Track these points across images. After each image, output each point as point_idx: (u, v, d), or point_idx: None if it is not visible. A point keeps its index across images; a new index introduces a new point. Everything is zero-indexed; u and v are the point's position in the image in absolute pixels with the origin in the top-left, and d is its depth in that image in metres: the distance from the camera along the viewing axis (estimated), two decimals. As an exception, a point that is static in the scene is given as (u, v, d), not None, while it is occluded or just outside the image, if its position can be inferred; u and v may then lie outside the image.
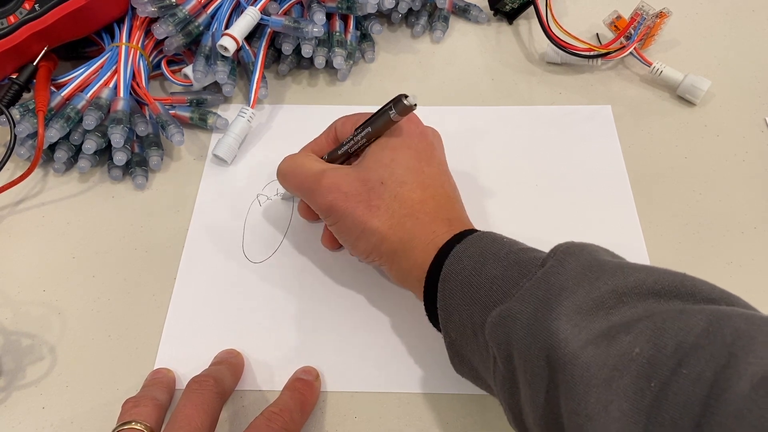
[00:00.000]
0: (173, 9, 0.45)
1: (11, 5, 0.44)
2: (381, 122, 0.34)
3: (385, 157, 0.34)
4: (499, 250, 0.30)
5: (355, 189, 0.33)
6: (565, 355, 0.24)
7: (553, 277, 0.27)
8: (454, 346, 0.31)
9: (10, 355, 0.38)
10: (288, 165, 0.37)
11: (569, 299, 0.25)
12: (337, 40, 0.48)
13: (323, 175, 0.34)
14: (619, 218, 0.43)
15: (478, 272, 0.29)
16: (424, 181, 0.34)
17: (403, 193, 0.33)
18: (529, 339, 0.25)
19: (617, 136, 0.47)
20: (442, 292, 0.30)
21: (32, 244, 0.43)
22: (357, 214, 0.33)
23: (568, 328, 0.24)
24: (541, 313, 0.25)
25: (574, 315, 0.25)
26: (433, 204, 0.33)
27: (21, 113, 0.43)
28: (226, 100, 0.50)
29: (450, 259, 0.30)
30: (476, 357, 0.30)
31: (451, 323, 0.30)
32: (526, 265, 0.28)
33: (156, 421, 0.32)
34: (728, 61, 0.52)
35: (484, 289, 0.29)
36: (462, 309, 0.29)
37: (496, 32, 0.55)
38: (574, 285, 0.26)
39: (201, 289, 0.40)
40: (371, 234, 0.33)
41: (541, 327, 0.25)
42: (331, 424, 0.35)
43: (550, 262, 0.27)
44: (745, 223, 0.42)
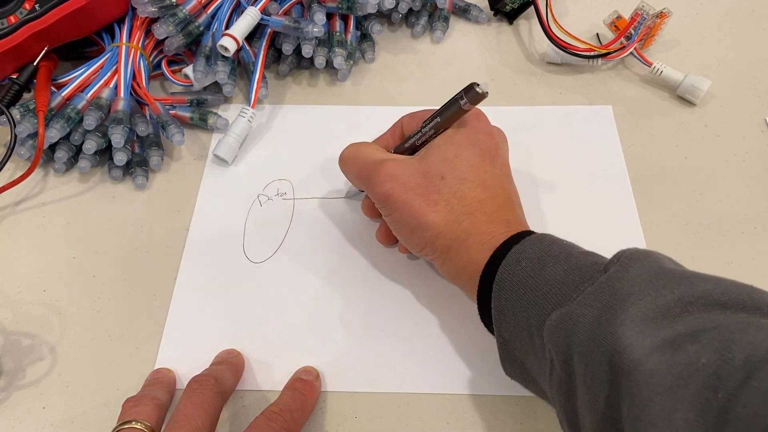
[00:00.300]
0: (173, 9, 0.45)
1: (11, 5, 0.44)
2: (451, 112, 0.34)
3: (448, 151, 0.34)
4: (558, 252, 0.29)
5: (414, 181, 0.33)
6: (630, 360, 0.23)
7: (617, 282, 0.26)
8: (507, 347, 0.31)
9: (10, 355, 0.38)
10: (350, 151, 0.37)
11: (634, 305, 0.25)
12: (338, 40, 0.48)
13: (383, 163, 0.34)
14: (620, 218, 0.43)
15: (537, 274, 0.29)
16: (485, 180, 0.33)
17: (463, 190, 0.32)
18: (592, 343, 0.25)
19: (618, 136, 0.47)
20: (498, 293, 0.30)
21: (32, 244, 0.43)
22: (414, 206, 0.32)
23: (633, 335, 0.24)
24: (605, 317, 0.25)
25: (639, 321, 0.24)
26: (493, 204, 0.33)
27: (21, 113, 0.43)
28: (226, 100, 0.50)
29: (507, 259, 0.30)
30: (530, 359, 0.29)
31: (505, 324, 0.30)
32: (587, 269, 0.28)
33: (156, 420, 0.32)
34: (728, 61, 0.52)
35: (542, 292, 0.28)
36: (518, 310, 0.29)
37: (496, 32, 0.55)
38: (640, 291, 0.25)
39: (201, 289, 0.40)
40: (427, 228, 0.32)
41: (605, 332, 0.25)
42: (331, 424, 0.35)
43: (614, 267, 0.27)
44: (745, 223, 0.42)
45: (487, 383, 0.36)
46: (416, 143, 0.36)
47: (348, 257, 0.41)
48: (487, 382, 0.36)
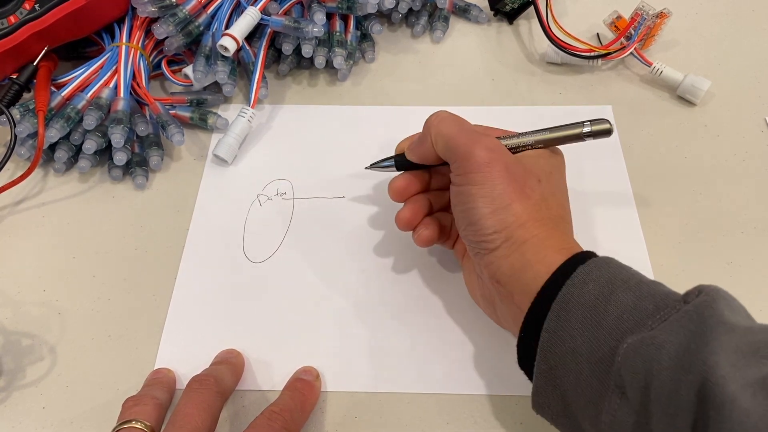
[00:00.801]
0: (173, 9, 0.45)
1: (11, 5, 0.44)
2: (567, 134, 0.35)
3: (544, 165, 0.34)
4: (629, 278, 0.28)
5: (515, 168, 0.32)
6: (723, 393, 0.22)
7: (706, 311, 0.25)
8: (549, 375, 0.28)
9: (10, 355, 0.38)
10: (448, 113, 0.35)
11: (727, 336, 0.24)
12: (338, 40, 0.48)
13: (488, 137, 0.33)
14: (620, 218, 0.43)
15: (606, 299, 0.27)
16: (565, 202, 0.35)
17: (551, 201, 0.33)
18: (678, 370, 0.24)
19: (617, 136, 0.47)
20: (557, 313, 0.28)
21: (32, 244, 0.43)
22: (510, 188, 0.31)
23: (727, 366, 0.23)
24: (695, 344, 0.24)
25: (732, 354, 0.23)
26: (564, 225, 0.33)
27: (21, 113, 0.43)
28: (226, 100, 0.50)
29: (573, 279, 0.28)
30: (578, 389, 0.27)
31: (555, 348, 0.28)
32: (661, 298, 0.27)
33: (156, 420, 0.32)
34: (728, 61, 0.52)
35: (612, 317, 0.27)
36: (579, 334, 0.27)
37: (496, 32, 0.55)
38: (730, 323, 0.24)
39: (201, 289, 0.40)
40: (513, 214, 0.31)
41: (696, 359, 0.23)
42: (331, 424, 0.35)
43: (701, 297, 0.26)
44: (745, 223, 0.42)
45: (487, 383, 0.36)
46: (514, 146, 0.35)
47: (348, 257, 0.41)
48: (487, 382, 0.36)
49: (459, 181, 0.33)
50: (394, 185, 0.37)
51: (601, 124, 0.34)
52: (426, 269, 0.41)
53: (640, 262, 0.40)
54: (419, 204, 0.37)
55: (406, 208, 0.37)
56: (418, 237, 0.37)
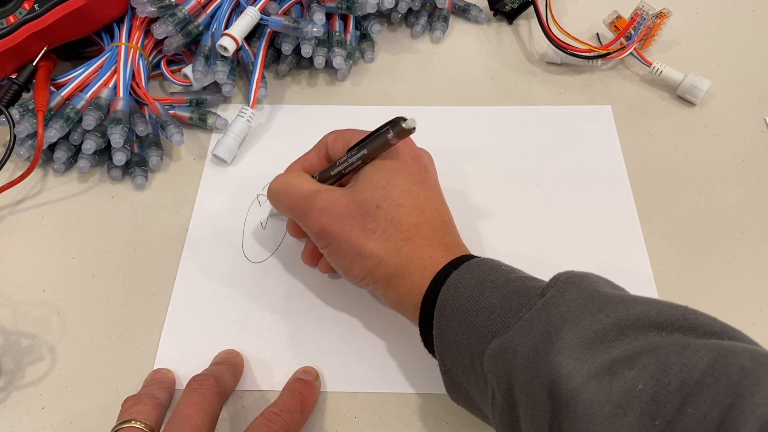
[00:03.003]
0: (173, 9, 0.45)
1: (11, 5, 0.44)
2: (377, 144, 0.33)
3: (380, 179, 0.33)
4: (497, 277, 0.29)
5: (349, 212, 0.33)
6: (568, 390, 0.23)
7: (553, 308, 0.26)
8: (449, 374, 0.30)
9: (10, 355, 0.38)
10: (279, 185, 0.36)
11: (570, 332, 0.25)
12: (337, 40, 0.48)
13: (316, 196, 0.34)
14: (619, 218, 0.43)
15: (476, 301, 0.29)
16: (419, 204, 0.33)
17: (399, 216, 0.32)
18: (531, 373, 0.25)
19: (617, 135, 0.47)
20: (438, 320, 0.30)
21: (32, 244, 0.43)
22: (352, 237, 0.32)
23: (570, 363, 0.24)
24: (542, 346, 0.25)
25: (576, 348, 0.24)
26: (429, 228, 0.33)
27: (20, 113, 0.43)
28: (225, 100, 0.50)
29: (446, 286, 0.30)
30: (473, 387, 0.29)
31: (447, 352, 0.30)
32: (525, 294, 0.28)
33: (156, 419, 0.32)
34: (728, 61, 0.52)
35: (481, 319, 0.28)
36: (459, 338, 0.29)
37: (496, 32, 0.55)
38: (575, 317, 0.25)
39: (201, 289, 0.40)
40: (366, 258, 0.32)
41: (543, 361, 0.25)
42: (331, 424, 0.35)
43: (550, 292, 0.27)
44: (745, 223, 0.42)
45: (486, 383, 0.36)
46: (343, 171, 0.35)
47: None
48: (487, 383, 0.36)
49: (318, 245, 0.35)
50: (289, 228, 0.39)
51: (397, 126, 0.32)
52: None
53: (640, 262, 0.40)
54: None
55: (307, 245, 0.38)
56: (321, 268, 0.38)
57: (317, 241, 0.34)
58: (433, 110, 0.49)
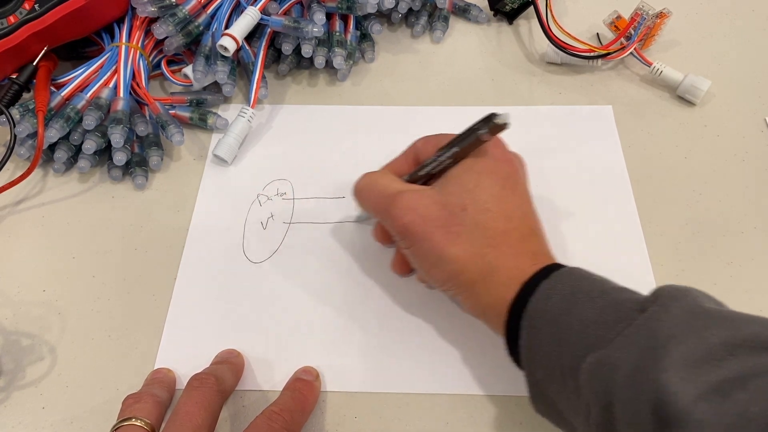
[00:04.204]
0: (173, 9, 0.45)
1: (11, 5, 0.44)
2: (469, 141, 0.32)
3: (469, 181, 0.32)
4: (591, 288, 0.28)
5: (434, 212, 0.31)
6: (676, 411, 0.22)
7: (657, 323, 0.25)
8: (538, 386, 0.29)
9: (10, 355, 0.38)
10: (365, 182, 0.36)
11: (676, 349, 0.24)
12: (337, 40, 0.48)
13: (401, 194, 0.33)
14: (620, 218, 0.43)
15: (568, 312, 0.28)
16: (507, 211, 0.32)
17: (485, 221, 0.31)
18: (633, 390, 0.24)
19: (617, 135, 0.47)
20: (528, 330, 0.29)
21: (32, 244, 0.43)
22: (435, 239, 0.31)
23: (678, 381, 0.23)
24: (646, 362, 0.24)
25: (683, 367, 0.23)
26: (517, 236, 0.31)
27: (21, 113, 0.43)
28: (226, 100, 0.50)
29: (537, 295, 0.29)
30: (563, 400, 0.28)
31: (535, 363, 0.29)
32: (621, 307, 0.27)
33: (156, 418, 0.32)
34: (728, 61, 0.52)
35: (575, 331, 0.27)
36: (550, 350, 0.28)
37: (496, 32, 0.55)
38: (681, 333, 0.24)
39: (201, 289, 0.40)
40: (449, 262, 0.31)
41: (647, 378, 0.24)
42: (331, 424, 0.35)
43: (652, 307, 0.26)
44: (745, 223, 0.42)
45: (487, 383, 0.36)
46: (431, 171, 0.34)
47: (348, 257, 0.41)
48: (487, 382, 0.36)
49: (400, 245, 0.34)
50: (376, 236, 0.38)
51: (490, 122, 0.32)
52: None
53: (640, 262, 0.40)
54: None
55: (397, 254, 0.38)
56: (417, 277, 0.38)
57: (400, 240, 0.33)
58: (433, 110, 0.49)
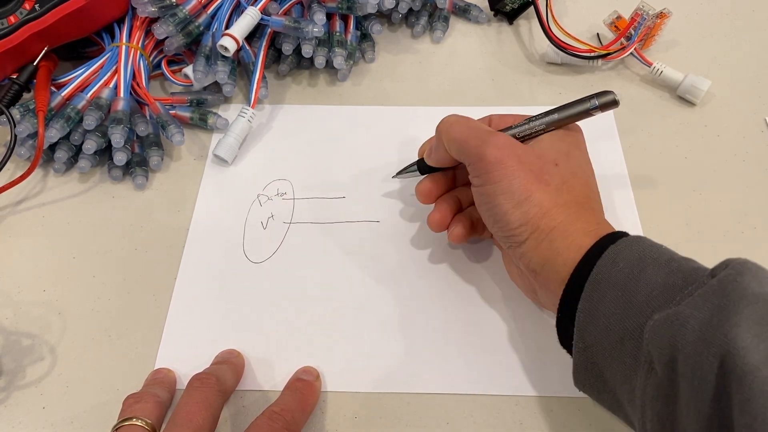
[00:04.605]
0: (173, 9, 0.45)
1: (11, 5, 0.44)
2: (576, 111, 0.34)
3: (562, 146, 0.34)
4: (659, 255, 0.29)
5: (528, 157, 0.32)
6: (745, 365, 0.22)
7: (730, 285, 0.25)
8: (587, 353, 0.29)
9: (10, 355, 0.38)
10: (458, 117, 0.35)
11: (750, 308, 0.24)
12: (338, 40, 0.48)
13: (497, 134, 0.33)
14: (620, 218, 0.42)
15: (636, 277, 0.28)
16: (590, 181, 0.34)
17: (573, 182, 0.33)
18: (702, 344, 0.24)
19: (617, 136, 0.47)
20: (590, 293, 0.29)
21: (32, 244, 0.43)
22: (527, 179, 0.32)
23: (749, 337, 0.23)
24: (718, 318, 0.24)
25: (755, 325, 0.23)
26: (594, 204, 0.33)
27: (21, 113, 0.43)
28: (226, 100, 0.50)
29: (603, 259, 0.29)
30: (613, 367, 0.28)
31: (591, 327, 0.29)
32: (690, 273, 0.27)
33: (157, 418, 0.32)
34: (728, 61, 0.52)
35: (642, 295, 0.27)
36: (611, 313, 0.28)
37: (496, 32, 0.55)
38: (754, 296, 0.24)
39: (201, 289, 0.40)
40: (535, 204, 0.31)
41: (718, 332, 0.23)
42: (331, 424, 0.35)
43: (725, 271, 0.26)
44: (745, 223, 0.42)
45: (486, 383, 0.36)
46: (521, 134, 0.35)
47: (347, 257, 0.41)
48: (487, 383, 0.36)
49: (477, 182, 0.34)
50: (421, 189, 0.39)
51: (607, 96, 0.34)
52: (426, 270, 0.41)
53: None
54: (447, 204, 0.38)
55: (436, 210, 0.38)
56: (450, 235, 0.38)
57: (484, 174, 0.33)
58: (433, 110, 0.49)
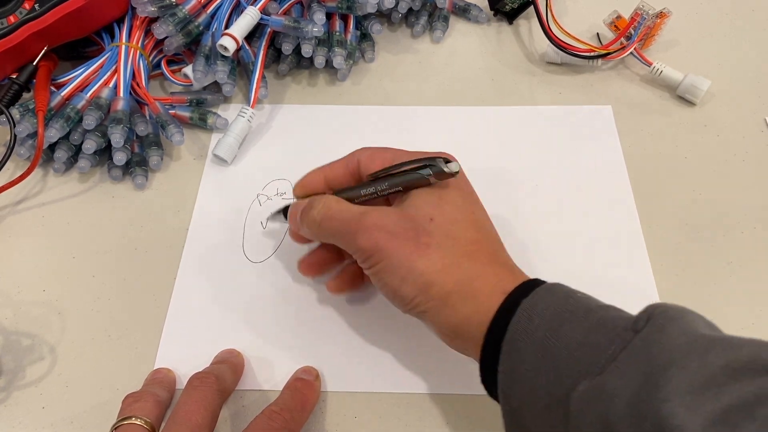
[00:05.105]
0: (173, 9, 0.45)
1: (11, 5, 0.44)
2: (414, 181, 0.32)
3: (431, 196, 0.31)
4: (576, 306, 0.27)
5: (401, 227, 0.30)
6: None
7: (655, 347, 0.24)
8: (514, 415, 0.27)
9: (10, 355, 0.38)
10: (321, 210, 0.33)
11: (678, 376, 0.22)
12: (337, 40, 0.48)
13: (365, 215, 0.31)
14: (619, 218, 0.43)
15: (555, 334, 0.26)
16: (476, 222, 0.31)
17: (455, 231, 0.30)
18: (633, 421, 0.22)
19: (617, 135, 0.47)
20: (508, 355, 0.27)
21: (32, 244, 0.43)
22: (404, 251, 0.30)
23: (682, 412, 0.21)
24: (646, 391, 0.23)
25: (686, 395, 0.22)
26: (490, 246, 0.31)
27: (21, 113, 0.43)
28: (226, 100, 0.50)
29: (518, 316, 0.27)
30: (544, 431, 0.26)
31: (515, 391, 0.27)
32: (611, 327, 0.25)
33: (156, 417, 0.32)
34: (728, 61, 0.52)
35: (563, 357, 0.25)
36: (534, 378, 0.26)
37: (496, 32, 0.55)
38: (682, 358, 0.23)
39: (201, 289, 0.40)
40: (419, 274, 0.29)
41: (649, 408, 0.22)
42: (331, 424, 0.35)
43: (646, 328, 0.25)
44: (745, 223, 0.42)
45: (487, 383, 0.36)
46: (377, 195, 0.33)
47: (348, 257, 0.41)
48: (487, 382, 0.36)
49: (363, 267, 0.32)
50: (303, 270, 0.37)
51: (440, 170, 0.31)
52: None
53: (640, 262, 0.40)
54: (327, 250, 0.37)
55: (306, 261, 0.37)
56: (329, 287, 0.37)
57: (365, 261, 0.31)
58: (433, 110, 0.49)
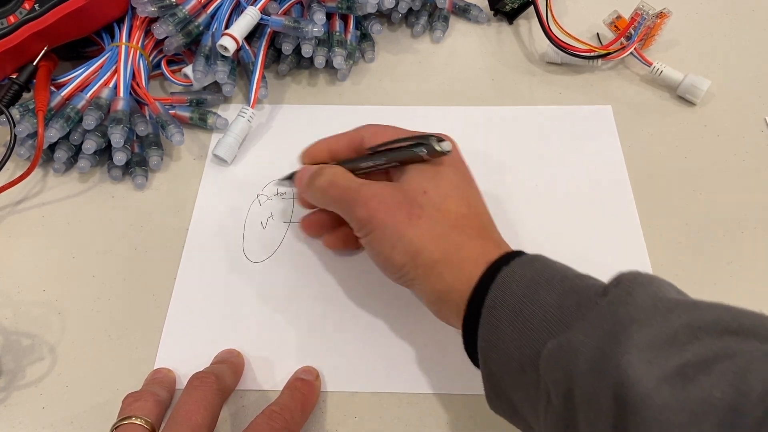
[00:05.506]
0: (173, 9, 0.45)
1: (11, 5, 0.44)
2: (409, 157, 0.33)
3: (427, 171, 0.33)
4: (552, 275, 0.28)
5: (395, 199, 0.32)
6: (637, 394, 0.22)
7: (620, 307, 0.25)
8: (493, 379, 0.29)
9: (10, 355, 0.38)
10: (330, 177, 0.35)
11: (640, 332, 0.23)
12: (337, 40, 0.48)
13: (363, 187, 0.33)
14: (620, 218, 0.43)
15: (530, 299, 0.27)
16: (468, 198, 0.33)
17: (447, 205, 0.32)
18: (594, 374, 0.23)
19: (617, 135, 0.47)
20: (487, 320, 0.28)
21: (32, 244, 0.43)
22: (396, 221, 0.31)
23: (640, 365, 0.22)
24: (609, 346, 0.23)
25: (646, 349, 0.23)
26: (479, 222, 0.32)
27: (21, 113, 0.43)
28: (226, 100, 0.50)
29: (497, 283, 0.28)
30: (519, 393, 0.28)
31: (493, 354, 0.28)
32: (584, 292, 0.27)
33: (156, 416, 0.32)
34: (728, 61, 0.52)
35: (537, 319, 0.27)
36: (509, 339, 0.27)
37: (496, 32, 0.55)
38: (645, 317, 0.24)
39: (201, 289, 0.40)
40: (409, 242, 0.31)
41: (609, 361, 0.23)
42: (331, 424, 0.35)
43: (615, 291, 0.26)
44: (745, 223, 0.42)
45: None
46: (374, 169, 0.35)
47: (348, 257, 0.41)
48: (487, 382, 0.36)
49: (358, 235, 0.34)
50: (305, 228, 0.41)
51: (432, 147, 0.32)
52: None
53: (640, 262, 0.40)
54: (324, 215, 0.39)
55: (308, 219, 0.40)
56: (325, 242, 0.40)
57: (360, 230, 0.33)
58: (433, 110, 0.49)
